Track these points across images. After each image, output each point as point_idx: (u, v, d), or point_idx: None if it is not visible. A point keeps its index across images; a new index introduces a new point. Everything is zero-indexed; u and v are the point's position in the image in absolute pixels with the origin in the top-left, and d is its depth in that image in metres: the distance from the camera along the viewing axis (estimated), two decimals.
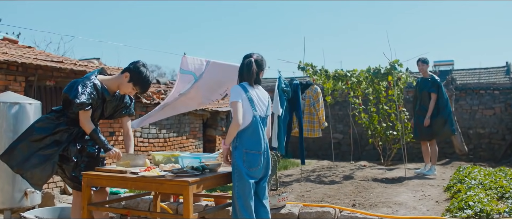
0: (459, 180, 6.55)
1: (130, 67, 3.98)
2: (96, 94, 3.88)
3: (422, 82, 8.26)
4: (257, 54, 3.97)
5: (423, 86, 8.19)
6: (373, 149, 12.24)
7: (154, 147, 8.81)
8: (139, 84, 3.97)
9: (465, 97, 12.47)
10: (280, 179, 8.17)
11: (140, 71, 3.95)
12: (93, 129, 3.87)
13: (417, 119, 8.27)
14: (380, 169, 9.40)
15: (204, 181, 3.64)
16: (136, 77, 3.95)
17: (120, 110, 4.23)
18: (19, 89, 6.12)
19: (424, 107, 8.10)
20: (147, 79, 3.99)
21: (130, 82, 3.95)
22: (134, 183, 3.65)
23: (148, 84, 4.03)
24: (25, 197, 5.22)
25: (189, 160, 3.97)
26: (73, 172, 3.91)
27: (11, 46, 8.28)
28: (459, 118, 11.87)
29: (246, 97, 3.80)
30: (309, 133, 8.44)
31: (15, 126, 5.08)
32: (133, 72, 3.95)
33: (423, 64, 8.19)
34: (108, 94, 4.00)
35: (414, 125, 8.40)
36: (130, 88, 3.99)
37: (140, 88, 4.01)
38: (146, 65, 4.05)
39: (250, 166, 3.79)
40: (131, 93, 4.10)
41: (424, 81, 8.24)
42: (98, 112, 4.05)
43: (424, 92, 8.15)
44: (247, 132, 3.80)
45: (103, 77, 4.06)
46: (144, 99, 8.38)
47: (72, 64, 7.08)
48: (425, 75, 8.26)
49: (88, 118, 3.85)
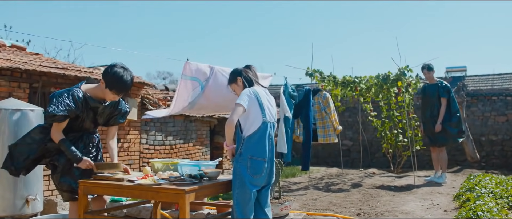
0: (469, 188, 6.39)
1: (103, 73, 3.76)
2: (75, 105, 3.70)
3: (430, 88, 8.10)
4: None
5: (432, 92, 8.01)
6: (383, 156, 12.07)
7: (160, 154, 8.76)
8: (114, 88, 3.70)
9: (477, 103, 12.26)
10: (287, 186, 8.06)
11: (110, 74, 3.68)
12: (61, 139, 3.70)
13: (429, 125, 8.09)
14: (389, 177, 9.25)
15: (201, 190, 3.55)
16: (109, 81, 3.70)
17: (115, 117, 4.08)
18: (23, 96, 6.11)
19: (435, 113, 7.95)
20: (120, 79, 3.68)
21: (107, 88, 3.73)
22: (130, 191, 3.59)
23: (123, 85, 3.71)
24: (26, 204, 5.17)
25: (188, 167, 3.90)
26: (61, 178, 3.85)
27: (19, 53, 8.31)
28: (470, 125, 11.66)
29: (257, 103, 3.72)
30: (324, 139, 8.25)
31: (16, 133, 5.04)
32: (105, 77, 3.72)
33: (428, 71, 8.05)
34: (94, 101, 3.82)
35: (425, 131, 8.24)
36: (110, 94, 3.76)
37: (117, 92, 3.74)
38: (121, 65, 3.76)
39: (254, 173, 3.70)
40: (115, 99, 3.86)
41: (432, 87, 8.06)
42: (88, 121, 3.91)
43: (433, 98, 7.98)
44: (254, 138, 3.72)
45: (87, 86, 3.89)
46: (149, 106, 8.35)
47: (76, 71, 7.07)
48: (432, 81, 8.11)
49: (58, 129, 3.71)
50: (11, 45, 8.96)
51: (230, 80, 3.97)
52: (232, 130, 3.66)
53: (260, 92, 3.80)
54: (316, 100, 8.28)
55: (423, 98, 8.34)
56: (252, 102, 3.70)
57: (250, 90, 3.76)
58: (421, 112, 8.44)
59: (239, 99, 3.67)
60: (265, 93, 3.87)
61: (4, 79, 5.94)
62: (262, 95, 3.81)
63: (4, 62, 6.01)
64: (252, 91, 3.75)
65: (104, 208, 4.19)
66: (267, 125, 3.76)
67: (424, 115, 8.24)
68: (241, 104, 3.64)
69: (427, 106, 8.11)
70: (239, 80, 3.89)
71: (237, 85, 3.91)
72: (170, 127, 9.08)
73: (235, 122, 3.64)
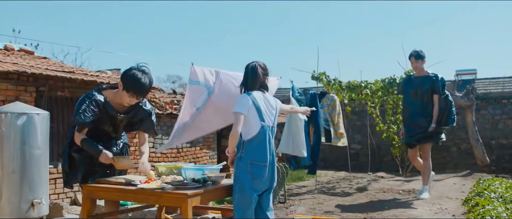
0: (478, 193, 6.31)
1: (121, 76, 3.85)
2: (97, 110, 3.80)
3: (419, 81, 6.66)
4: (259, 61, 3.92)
5: (422, 86, 6.59)
6: (391, 160, 11.96)
7: (167, 158, 8.76)
8: (131, 89, 3.75)
9: (486, 107, 12.13)
10: (293, 190, 8.02)
11: (128, 76, 3.76)
12: (82, 139, 3.81)
13: (416, 123, 6.67)
14: (397, 181, 9.17)
15: (204, 194, 3.53)
16: (126, 83, 3.76)
17: (140, 123, 4.10)
18: (30, 100, 6.14)
19: (428, 111, 6.56)
20: (137, 82, 3.73)
21: (124, 90, 3.78)
22: (133, 195, 3.58)
23: (140, 86, 3.75)
24: (32, 208, 5.17)
25: (192, 171, 3.88)
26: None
27: (27, 57, 8.37)
28: (480, 128, 11.53)
29: (254, 107, 3.71)
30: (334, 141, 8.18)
31: (22, 136, 5.03)
32: (123, 79, 3.79)
33: (416, 60, 6.61)
34: (112, 110, 3.88)
35: (408, 132, 6.79)
36: (127, 97, 3.81)
37: (134, 93, 3.78)
38: (141, 68, 3.82)
39: (254, 177, 3.69)
40: (132, 102, 3.89)
41: (422, 80, 6.63)
42: (107, 127, 3.97)
43: (423, 93, 6.58)
44: (254, 143, 3.71)
45: (109, 91, 3.96)
46: (156, 110, 8.34)
47: (83, 74, 7.09)
48: (421, 73, 6.68)
49: (80, 134, 3.83)
50: (19, 49, 9.02)
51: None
52: (236, 140, 3.68)
53: (257, 96, 3.78)
54: (325, 103, 8.23)
55: (406, 93, 6.88)
56: (249, 107, 3.69)
57: (245, 95, 3.76)
58: (403, 110, 7.16)
59: (237, 107, 3.69)
60: (263, 97, 3.83)
61: (11, 83, 5.97)
62: (260, 98, 3.78)
63: (11, 66, 6.05)
64: (249, 96, 3.74)
65: (114, 210, 4.18)
66: (266, 129, 3.74)
67: (409, 113, 6.81)
68: (240, 112, 3.66)
69: (413, 102, 6.68)
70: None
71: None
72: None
73: (239, 132, 3.65)
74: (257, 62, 3.93)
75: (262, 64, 3.94)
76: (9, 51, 8.35)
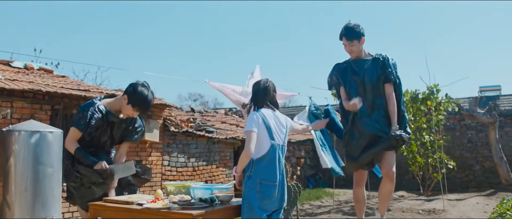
0: (501, 214, 6.06)
1: (128, 89, 3.96)
2: (99, 117, 3.93)
3: (360, 65, 4.60)
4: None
5: (367, 72, 4.57)
6: (412, 178, 11.69)
7: (183, 176, 8.70)
8: (138, 105, 3.94)
9: (511, 123, 11.80)
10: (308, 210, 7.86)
11: (137, 92, 3.91)
12: (76, 148, 3.91)
13: (355, 133, 4.70)
14: (418, 200, 8.93)
15: (211, 214, 3.45)
16: (134, 98, 3.91)
17: (129, 134, 4.22)
18: (45, 118, 6.18)
19: (382, 109, 4.58)
20: (145, 99, 3.93)
21: (129, 104, 3.92)
22: (139, 214, 3.52)
23: (147, 104, 3.98)
24: None
25: (200, 191, 3.80)
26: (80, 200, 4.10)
27: (45, 75, 8.47)
28: (504, 146, 11.19)
29: (264, 126, 3.64)
30: None
31: (35, 154, 5.07)
32: (130, 94, 3.92)
33: (350, 41, 4.57)
34: (113, 116, 4.01)
35: (347, 144, 4.81)
36: (130, 110, 3.96)
37: (140, 109, 3.98)
38: (146, 84, 4.01)
39: (263, 197, 3.60)
40: (133, 115, 4.05)
41: (364, 63, 4.60)
42: (106, 137, 4.07)
43: (369, 81, 4.55)
44: (263, 161, 3.63)
45: (107, 100, 4.09)
46: (172, 128, 8.33)
47: (98, 92, 7.13)
48: (360, 55, 4.63)
49: (73, 139, 3.93)
50: (39, 68, 9.15)
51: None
52: (248, 159, 3.61)
53: (267, 114, 3.71)
54: None
55: (338, 85, 4.89)
56: (260, 125, 3.63)
57: (255, 113, 3.70)
58: (341, 111, 5.00)
59: (248, 126, 3.62)
60: (273, 115, 3.77)
61: (26, 101, 6.03)
62: (270, 116, 3.72)
63: (27, 85, 6.11)
64: (259, 114, 3.68)
65: None
66: (276, 147, 3.66)
67: (343, 115, 4.95)
68: (252, 130, 3.59)
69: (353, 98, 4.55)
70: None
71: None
72: (192, 149, 9.03)
73: (252, 151, 3.57)
74: (268, 79, 3.91)
75: (272, 82, 3.91)
76: (28, 70, 8.47)
